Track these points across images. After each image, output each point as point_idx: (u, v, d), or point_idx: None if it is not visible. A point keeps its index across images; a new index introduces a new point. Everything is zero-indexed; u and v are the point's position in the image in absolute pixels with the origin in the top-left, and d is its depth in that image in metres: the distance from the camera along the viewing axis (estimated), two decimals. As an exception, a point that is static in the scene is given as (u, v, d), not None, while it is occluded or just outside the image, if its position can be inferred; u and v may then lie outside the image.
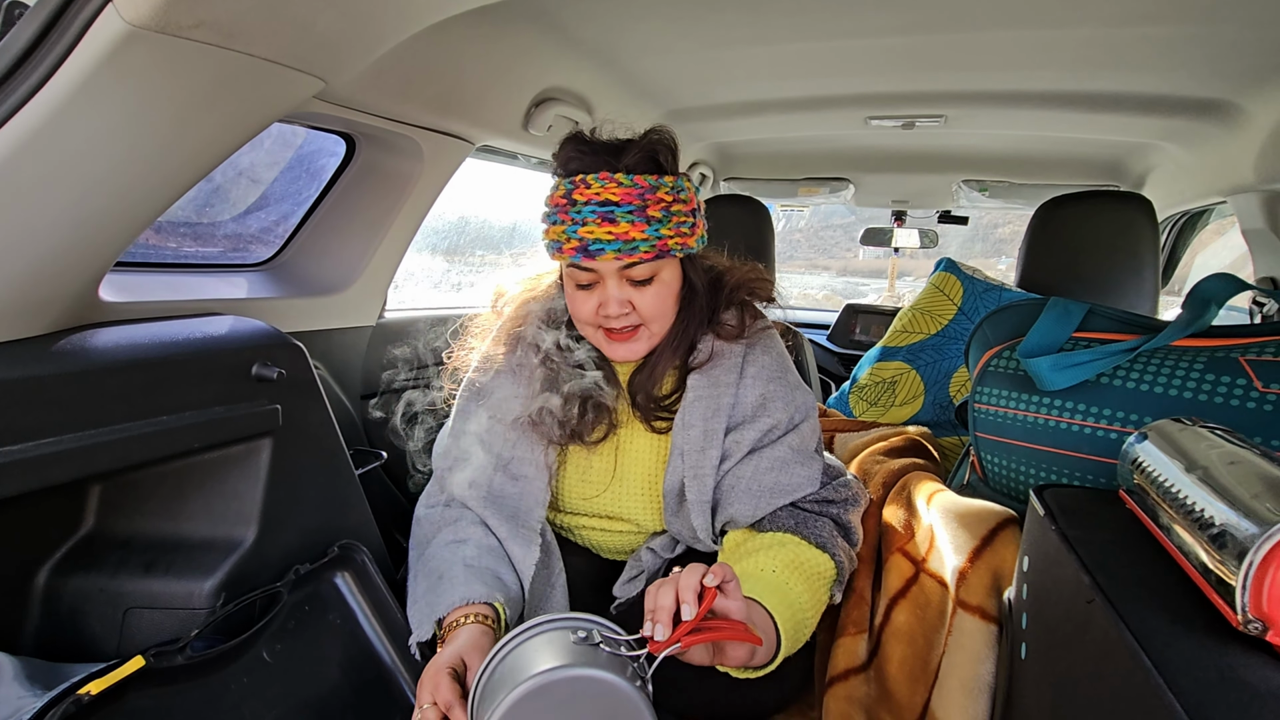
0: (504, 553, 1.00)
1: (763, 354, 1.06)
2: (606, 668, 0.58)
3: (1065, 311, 1.03)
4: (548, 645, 0.61)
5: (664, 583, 0.69)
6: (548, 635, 0.63)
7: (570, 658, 0.59)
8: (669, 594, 0.67)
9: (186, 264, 1.17)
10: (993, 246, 12.83)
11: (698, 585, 0.67)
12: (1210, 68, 1.29)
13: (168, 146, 0.74)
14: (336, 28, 0.78)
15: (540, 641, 0.63)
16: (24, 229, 0.67)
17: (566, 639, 0.62)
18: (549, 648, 0.61)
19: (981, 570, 0.91)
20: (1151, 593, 0.54)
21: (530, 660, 0.60)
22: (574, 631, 0.63)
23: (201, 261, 1.20)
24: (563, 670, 0.57)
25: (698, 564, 0.70)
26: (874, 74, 1.53)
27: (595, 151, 0.94)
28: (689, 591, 0.66)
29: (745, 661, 0.75)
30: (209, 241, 1.23)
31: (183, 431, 0.83)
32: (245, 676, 0.88)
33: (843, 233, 15.58)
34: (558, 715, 0.58)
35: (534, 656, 0.60)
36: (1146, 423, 0.91)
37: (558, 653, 0.60)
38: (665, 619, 0.65)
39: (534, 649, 0.62)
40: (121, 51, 0.64)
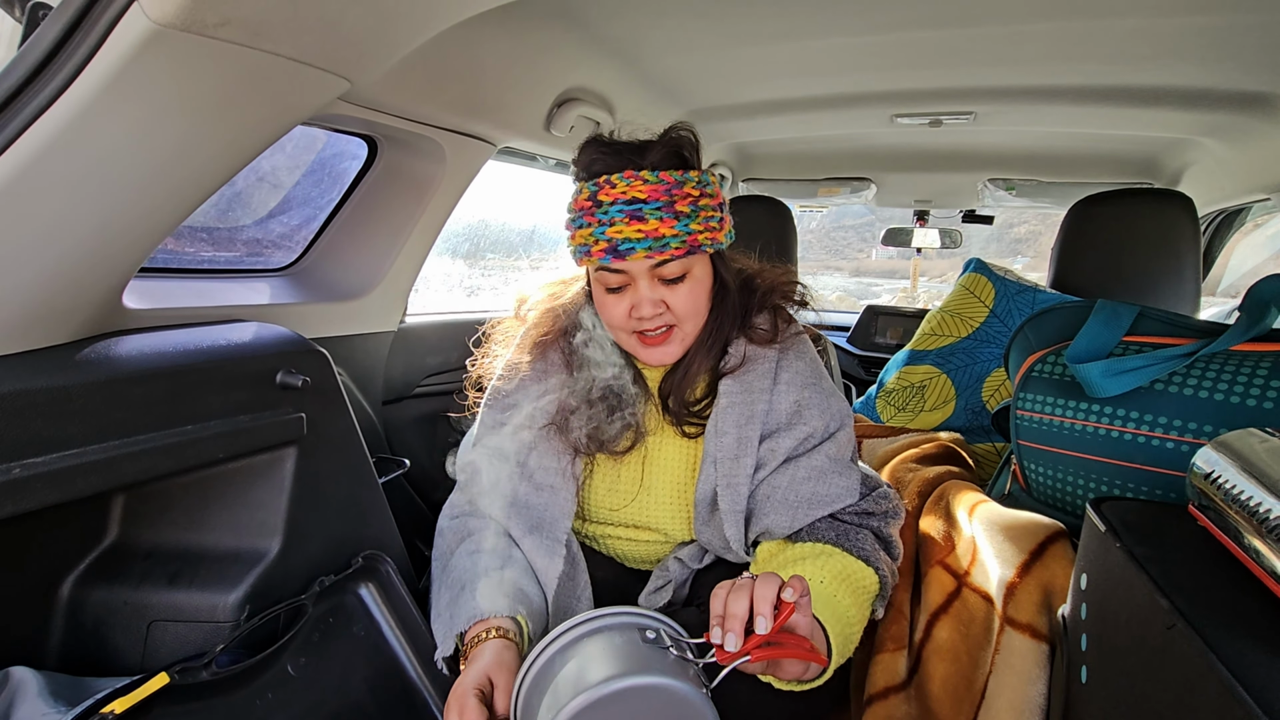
0: (528, 565, 0.97)
1: (796, 359, 1.03)
2: (679, 677, 0.55)
3: (1114, 314, 0.99)
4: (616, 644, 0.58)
5: (737, 587, 0.66)
6: (617, 632, 0.60)
7: (640, 664, 0.56)
8: (742, 601, 0.64)
9: (208, 269, 1.16)
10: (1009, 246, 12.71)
11: (775, 597, 0.64)
12: (1259, 59, 1.24)
13: (193, 148, 0.72)
14: (362, 26, 0.76)
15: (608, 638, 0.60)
16: (49, 235, 0.66)
17: (635, 639, 0.59)
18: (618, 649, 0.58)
19: (1031, 586, 0.87)
20: (1240, 619, 0.50)
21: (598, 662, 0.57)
22: (643, 631, 0.59)
23: (224, 267, 1.18)
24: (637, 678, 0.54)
25: (773, 574, 0.67)
26: (901, 70, 1.49)
27: (618, 151, 0.91)
28: (766, 603, 0.63)
29: (799, 676, 0.73)
30: (231, 246, 1.22)
31: (208, 441, 0.81)
32: (270, 691, 0.86)
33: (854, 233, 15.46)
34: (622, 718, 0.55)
35: (603, 657, 0.57)
36: (1207, 431, 0.87)
37: (627, 656, 0.57)
38: (738, 628, 0.62)
39: (601, 646, 0.59)
40: (147, 51, 0.62)
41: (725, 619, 0.63)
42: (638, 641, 0.59)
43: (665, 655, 0.58)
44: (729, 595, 0.65)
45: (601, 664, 0.56)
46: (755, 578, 0.68)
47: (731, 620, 0.63)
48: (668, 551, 1.09)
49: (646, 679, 0.54)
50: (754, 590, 0.65)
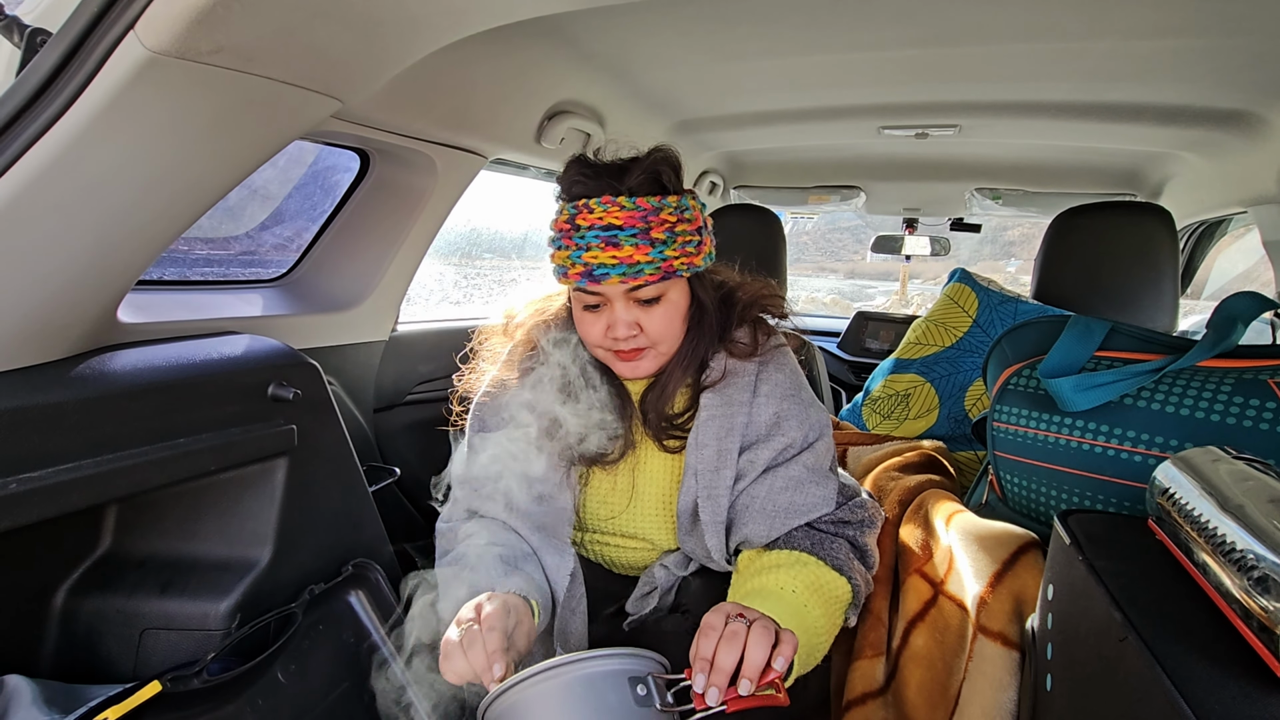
0: (536, 559, 0.99)
1: (776, 371, 1.04)
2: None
3: (1087, 330, 1.02)
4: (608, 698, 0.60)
5: (729, 635, 0.68)
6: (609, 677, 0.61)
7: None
8: (732, 655, 0.66)
9: (202, 281, 1.18)
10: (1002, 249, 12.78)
11: (764, 662, 0.67)
12: (1232, 78, 1.27)
13: (187, 169, 0.74)
14: (352, 50, 0.78)
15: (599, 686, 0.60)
16: (47, 254, 0.68)
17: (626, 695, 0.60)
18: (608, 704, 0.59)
19: (1003, 595, 0.89)
20: (1187, 633, 0.53)
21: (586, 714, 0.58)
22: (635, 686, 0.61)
23: (216, 279, 1.20)
24: None
25: (765, 632, 0.69)
26: (887, 85, 1.52)
27: (598, 174, 0.93)
28: (754, 669, 0.66)
29: None
30: (224, 259, 1.24)
31: (200, 454, 0.83)
32: (260, 699, 0.88)
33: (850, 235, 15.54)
34: None
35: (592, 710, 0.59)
36: (1173, 445, 0.89)
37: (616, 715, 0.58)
38: (722, 682, 0.64)
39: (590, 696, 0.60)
40: (143, 77, 0.64)
41: (713, 670, 0.65)
42: (630, 701, 0.60)
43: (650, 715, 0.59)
44: (720, 644, 0.67)
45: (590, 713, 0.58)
46: (750, 626, 0.70)
47: (717, 674, 0.65)
48: (654, 559, 1.11)
49: None
50: (746, 649, 0.67)
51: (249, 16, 0.63)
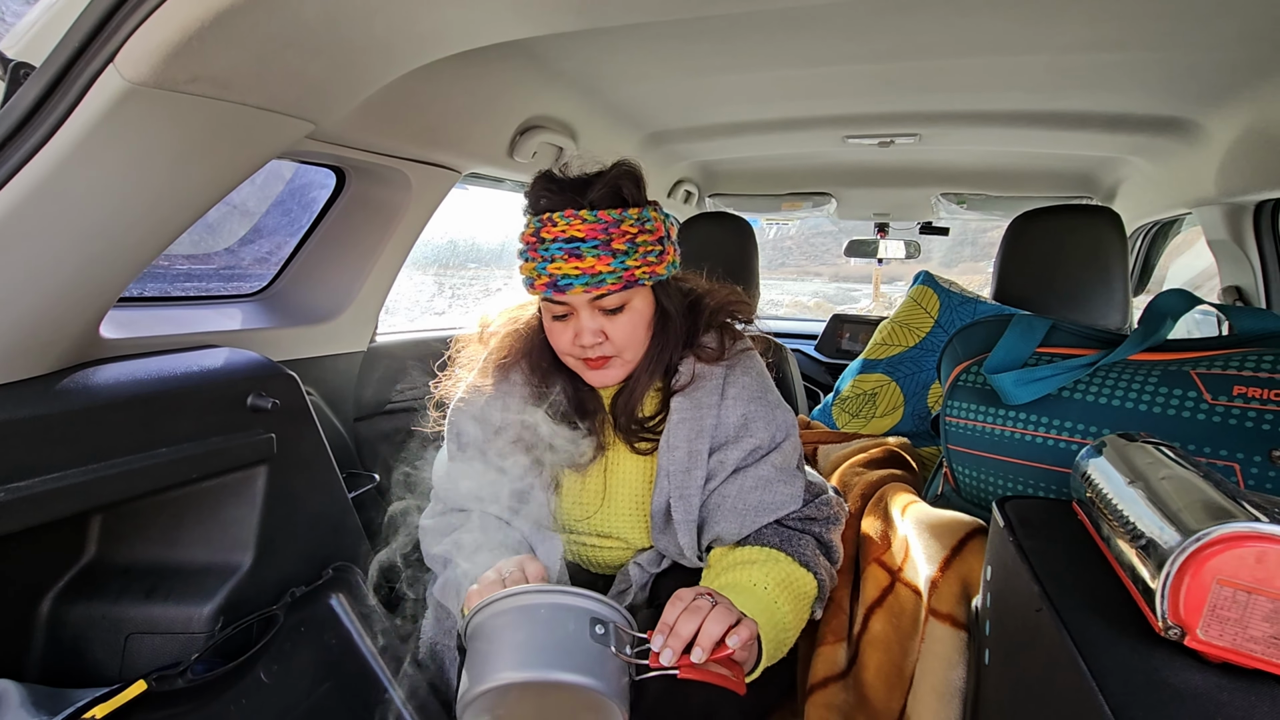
0: (528, 545, 1.03)
1: (743, 375, 1.08)
2: (608, 678, 0.62)
3: (1029, 328, 1.08)
4: (567, 627, 0.64)
5: (692, 608, 0.72)
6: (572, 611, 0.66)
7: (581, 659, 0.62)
8: (690, 626, 0.70)
9: (182, 297, 1.21)
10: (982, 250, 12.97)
11: (720, 637, 0.71)
12: (1167, 88, 1.34)
13: (165, 191, 0.78)
14: (324, 75, 0.82)
15: (563, 616, 0.65)
16: (31, 276, 0.71)
17: (585, 629, 0.64)
18: (567, 632, 0.64)
19: (951, 579, 0.94)
20: (1093, 601, 0.58)
21: (545, 639, 0.63)
22: (594, 624, 0.65)
23: (196, 294, 1.23)
24: (570, 675, 0.61)
25: (726, 612, 0.74)
26: (849, 97, 1.59)
27: (562, 189, 0.97)
28: (709, 640, 0.70)
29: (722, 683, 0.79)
30: (203, 274, 1.27)
31: (181, 463, 0.86)
32: (244, 698, 0.91)
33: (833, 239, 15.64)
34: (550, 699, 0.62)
35: (551, 636, 0.63)
36: (1105, 434, 0.95)
37: (572, 645, 0.63)
38: (678, 647, 0.69)
39: (553, 624, 0.64)
40: (122, 107, 0.68)
41: (670, 634, 0.70)
42: (586, 635, 0.65)
43: (605, 653, 0.64)
44: (682, 613, 0.72)
45: (547, 649, 0.62)
46: (714, 604, 0.74)
47: (675, 639, 0.69)
48: (629, 557, 1.15)
49: (579, 679, 0.60)
50: (704, 621, 0.71)
51: (224, 47, 0.68)
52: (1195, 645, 0.47)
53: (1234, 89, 1.27)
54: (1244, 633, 0.45)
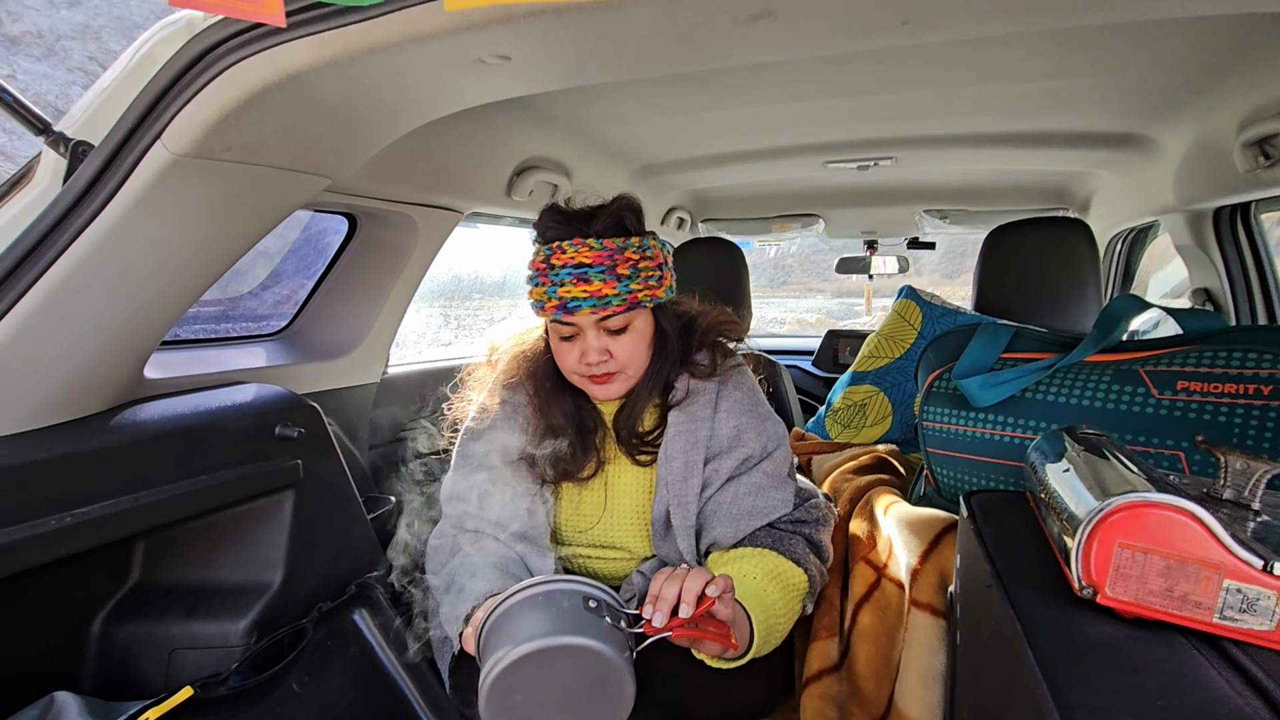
0: (522, 561, 1.10)
1: (735, 389, 1.16)
2: (608, 643, 0.68)
3: (994, 335, 1.16)
4: (562, 604, 0.71)
5: (672, 576, 0.79)
6: (565, 592, 0.73)
7: (576, 625, 0.68)
8: (674, 588, 0.78)
9: (212, 339, 1.31)
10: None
11: (700, 589, 0.78)
12: (1117, 108, 1.44)
13: (202, 245, 0.88)
14: (339, 137, 0.93)
15: (557, 597, 0.72)
16: (89, 325, 0.81)
17: (578, 605, 0.71)
18: (559, 612, 0.70)
19: (930, 571, 1.01)
20: (1032, 574, 0.65)
21: (541, 619, 0.69)
22: (586, 601, 0.72)
23: (225, 335, 1.33)
24: (570, 640, 0.67)
25: (703, 569, 0.81)
26: (826, 126, 1.69)
27: (569, 220, 1.07)
28: (691, 594, 0.77)
29: (720, 654, 0.86)
30: (231, 316, 1.37)
31: (218, 489, 0.95)
32: (278, 706, 0.99)
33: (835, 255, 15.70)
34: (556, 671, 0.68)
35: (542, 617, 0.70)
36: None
37: (568, 618, 0.69)
38: (665, 609, 0.76)
39: (549, 603, 0.71)
40: (167, 175, 0.78)
41: (658, 601, 0.77)
42: (580, 608, 0.72)
43: (601, 622, 0.71)
44: (664, 581, 0.79)
45: (546, 622, 0.69)
46: (690, 570, 0.82)
47: (661, 603, 0.76)
48: (633, 567, 1.22)
49: (578, 639, 0.67)
50: (684, 581, 0.79)
51: (255, 120, 0.78)
52: (1106, 601, 0.54)
53: (1177, 107, 1.37)
54: (1144, 588, 0.52)
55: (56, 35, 9.00)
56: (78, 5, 9.25)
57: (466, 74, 0.76)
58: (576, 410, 1.16)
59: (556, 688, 0.68)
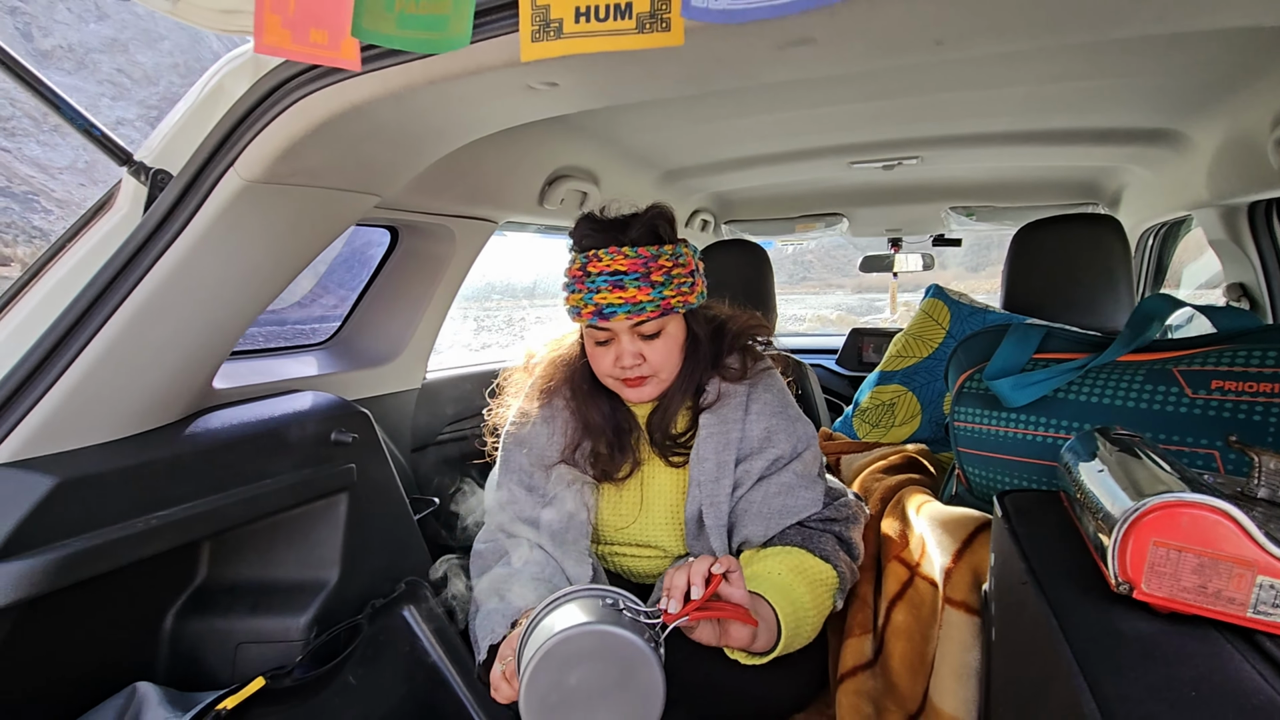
0: (561, 571, 1.14)
1: (765, 392, 1.19)
2: (627, 628, 0.71)
3: (1025, 336, 1.17)
4: (580, 608, 0.75)
5: (680, 567, 0.83)
6: (581, 600, 0.77)
7: (596, 616, 0.72)
8: (682, 576, 0.81)
9: (268, 349, 1.37)
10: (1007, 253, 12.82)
11: (706, 571, 0.82)
12: (1146, 105, 1.44)
13: (267, 263, 0.94)
14: (389, 159, 0.98)
15: (574, 605, 0.77)
16: (168, 342, 0.87)
17: (597, 604, 0.76)
18: (581, 609, 0.74)
19: (964, 569, 1.03)
20: (1067, 571, 0.67)
21: (564, 618, 0.74)
22: (603, 599, 0.77)
23: (279, 345, 1.40)
24: (590, 626, 0.71)
25: (707, 555, 0.84)
26: (850, 129, 1.71)
27: (604, 229, 1.10)
28: (699, 576, 0.81)
29: (746, 644, 0.89)
30: (284, 326, 1.43)
31: (280, 492, 1.01)
32: (337, 698, 1.04)
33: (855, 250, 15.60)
34: (584, 663, 0.71)
35: (568, 615, 0.74)
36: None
37: (586, 613, 0.73)
38: (678, 595, 0.79)
39: (568, 610, 0.75)
40: (238, 200, 0.84)
41: (670, 589, 0.80)
42: (597, 606, 0.76)
43: (619, 615, 0.75)
44: (674, 572, 0.82)
45: (567, 619, 0.73)
46: (695, 559, 0.85)
47: (674, 590, 0.80)
48: (667, 565, 1.26)
49: (598, 626, 0.71)
50: (691, 567, 0.82)
51: (319, 146, 0.83)
52: (1142, 597, 0.56)
53: (1209, 103, 1.36)
54: (1178, 584, 0.54)
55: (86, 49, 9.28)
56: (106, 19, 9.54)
57: (516, 99, 0.80)
58: (612, 413, 1.20)
59: (589, 685, 0.71)
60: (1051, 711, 0.57)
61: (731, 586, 0.83)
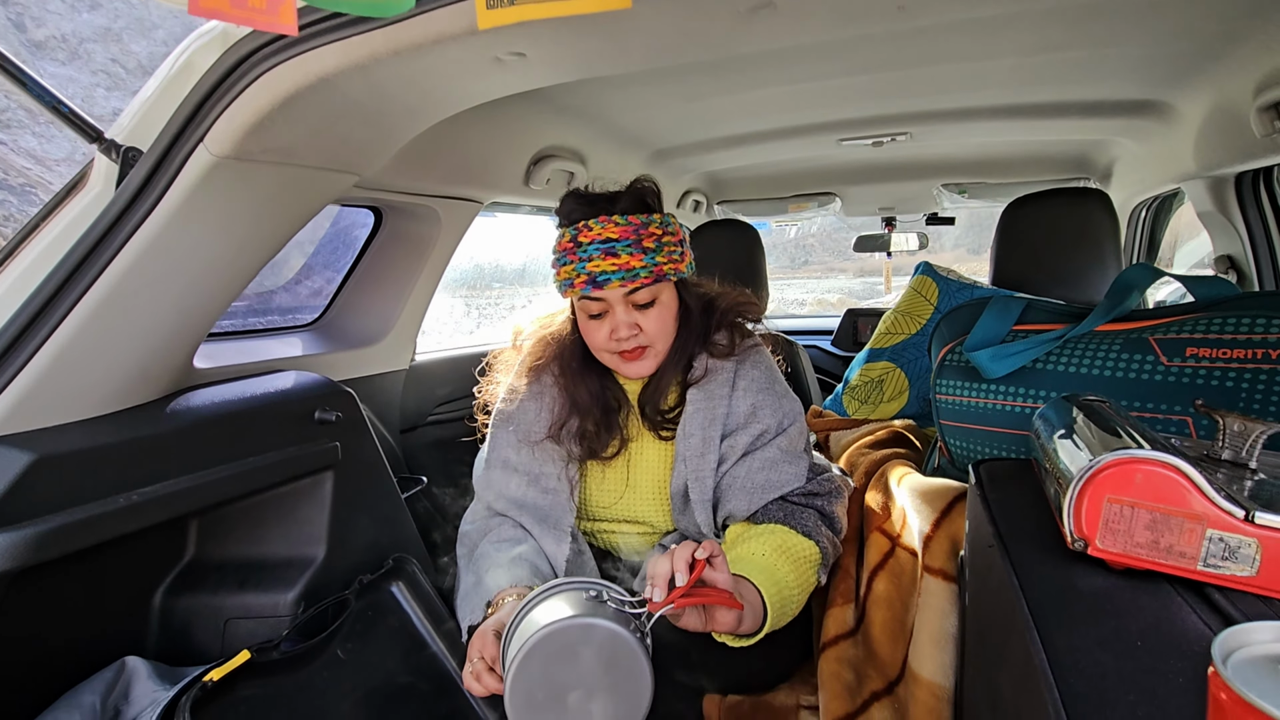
0: (540, 550, 1.15)
1: (752, 368, 1.20)
2: (612, 619, 0.71)
3: (1005, 308, 1.18)
4: (564, 601, 0.75)
5: (663, 555, 0.82)
6: (565, 593, 0.77)
7: (580, 610, 0.72)
8: (665, 563, 0.81)
9: (252, 330, 1.38)
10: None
11: (689, 558, 0.81)
12: (1133, 75, 1.43)
13: (243, 242, 0.94)
14: (367, 135, 0.98)
15: (558, 598, 0.77)
16: (144, 320, 0.87)
17: (580, 597, 0.76)
18: (565, 603, 0.75)
19: (941, 538, 1.04)
20: (1031, 534, 0.68)
21: (548, 612, 0.74)
22: (587, 591, 0.77)
23: (264, 327, 1.40)
24: (574, 620, 0.71)
25: (690, 541, 0.84)
26: (837, 105, 1.70)
27: (592, 202, 1.10)
28: (681, 562, 0.80)
29: (733, 628, 0.89)
30: (268, 309, 1.44)
31: (264, 470, 1.02)
32: (325, 671, 1.06)
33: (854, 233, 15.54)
34: (570, 657, 0.71)
35: (551, 610, 0.74)
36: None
37: (570, 606, 0.74)
38: (662, 584, 0.79)
39: (552, 604, 0.76)
40: (209, 177, 0.84)
41: (654, 578, 0.80)
42: (580, 598, 0.75)
43: (604, 606, 0.75)
44: (657, 560, 0.82)
45: (551, 613, 0.73)
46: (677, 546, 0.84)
47: (657, 578, 0.79)
48: (655, 541, 1.27)
49: (583, 620, 0.70)
50: (674, 554, 0.81)
51: (289, 122, 0.83)
52: (1096, 553, 0.57)
53: (1193, 72, 1.35)
54: (1131, 540, 0.55)
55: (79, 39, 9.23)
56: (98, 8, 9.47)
57: (484, 71, 0.80)
58: (601, 390, 1.21)
59: (576, 679, 0.70)
60: (1011, 667, 0.58)
61: (715, 571, 0.82)
